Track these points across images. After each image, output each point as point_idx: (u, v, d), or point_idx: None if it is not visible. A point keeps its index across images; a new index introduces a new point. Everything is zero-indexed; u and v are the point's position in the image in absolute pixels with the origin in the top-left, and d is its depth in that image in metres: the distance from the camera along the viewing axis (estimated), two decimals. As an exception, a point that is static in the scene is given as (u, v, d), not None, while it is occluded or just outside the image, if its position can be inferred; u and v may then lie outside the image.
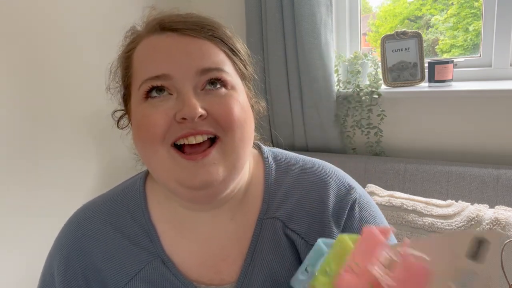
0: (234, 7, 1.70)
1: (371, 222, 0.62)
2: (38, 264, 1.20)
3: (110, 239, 0.59)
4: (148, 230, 0.59)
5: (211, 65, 0.53)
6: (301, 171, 0.63)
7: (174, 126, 0.51)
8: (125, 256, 0.58)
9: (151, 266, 0.57)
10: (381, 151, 1.53)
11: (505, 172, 1.23)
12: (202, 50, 0.54)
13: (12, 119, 1.14)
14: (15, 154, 1.15)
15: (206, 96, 0.53)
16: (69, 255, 0.60)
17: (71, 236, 0.61)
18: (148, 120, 0.52)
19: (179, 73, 0.52)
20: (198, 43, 0.54)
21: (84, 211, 0.63)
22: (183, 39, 0.54)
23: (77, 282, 0.58)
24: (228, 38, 0.58)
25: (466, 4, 1.56)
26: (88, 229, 0.60)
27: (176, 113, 0.51)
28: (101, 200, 0.64)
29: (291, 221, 0.60)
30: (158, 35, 0.55)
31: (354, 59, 1.53)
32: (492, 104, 1.35)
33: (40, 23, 1.21)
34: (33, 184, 1.20)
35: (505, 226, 0.97)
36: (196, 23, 0.56)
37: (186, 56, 0.53)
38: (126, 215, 0.61)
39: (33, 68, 1.20)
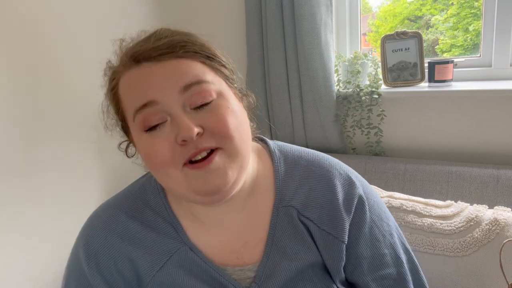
0: (234, 7, 1.70)
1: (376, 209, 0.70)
2: (38, 265, 1.21)
3: (138, 232, 0.64)
4: (173, 223, 0.65)
5: (191, 79, 0.57)
6: (309, 164, 0.70)
7: (178, 149, 0.56)
8: (154, 246, 0.64)
9: (180, 252, 0.63)
10: (381, 151, 1.53)
11: (505, 172, 1.22)
12: (179, 69, 0.57)
13: (12, 120, 1.15)
14: (15, 154, 1.15)
15: (198, 113, 0.57)
16: (97, 252, 0.64)
17: (97, 234, 0.65)
18: (153, 150, 0.57)
19: (164, 97, 0.56)
20: (173, 64, 0.57)
21: (108, 209, 0.68)
22: (159, 65, 0.57)
23: (111, 274, 0.63)
24: (200, 46, 0.60)
25: (466, 4, 1.56)
26: (115, 225, 0.65)
27: (175, 136, 0.55)
28: (122, 198, 0.69)
29: (305, 209, 0.67)
30: (135, 69, 0.58)
31: (354, 59, 1.53)
32: (492, 104, 1.35)
33: (39, 23, 1.22)
34: (33, 184, 1.21)
35: (504, 226, 0.97)
36: (166, 45, 0.58)
37: (165, 80, 0.56)
38: (148, 210, 0.66)
39: (32, 69, 1.20)
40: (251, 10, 1.58)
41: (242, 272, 0.64)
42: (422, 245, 1.03)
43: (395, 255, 0.69)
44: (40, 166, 1.22)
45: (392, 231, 0.71)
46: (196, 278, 0.63)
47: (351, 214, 0.67)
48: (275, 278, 0.63)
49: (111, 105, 0.64)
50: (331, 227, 0.66)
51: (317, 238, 0.66)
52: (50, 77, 1.25)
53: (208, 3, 1.76)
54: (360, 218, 0.68)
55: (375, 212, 0.70)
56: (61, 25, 1.28)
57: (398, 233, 0.73)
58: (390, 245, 0.69)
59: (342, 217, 0.66)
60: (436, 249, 1.01)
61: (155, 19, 1.66)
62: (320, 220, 0.66)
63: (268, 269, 0.63)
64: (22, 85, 1.17)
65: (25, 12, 1.17)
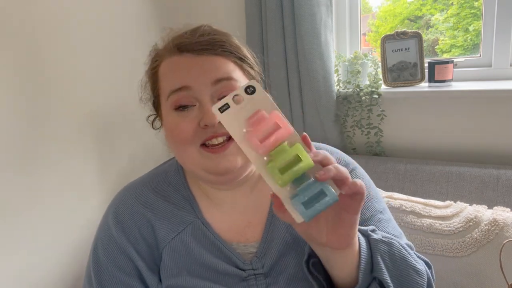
0: (234, 7, 1.70)
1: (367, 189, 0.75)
2: (39, 266, 1.21)
3: (159, 205, 0.74)
4: (190, 200, 0.75)
5: (222, 75, 0.67)
6: None
7: (199, 131, 0.66)
8: (173, 217, 0.73)
9: (194, 225, 0.73)
10: (381, 151, 1.53)
11: (505, 172, 1.22)
12: (214, 65, 0.67)
13: (12, 120, 1.15)
14: (14, 155, 1.16)
15: None
16: (124, 218, 0.73)
17: (125, 204, 0.75)
18: (178, 127, 0.67)
19: (197, 85, 0.66)
20: (210, 59, 0.68)
21: (135, 185, 0.78)
22: (198, 58, 0.68)
23: (135, 237, 0.72)
24: (236, 48, 0.71)
25: (466, 4, 1.56)
26: (141, 197, 0.75)
27: (199, 120, 0.65)
28: (147, 177, 0.79)
29: None
30: (177, 56, 0.69)
31: (354, 59, 1.53)
32: (492, 104, 1.35)
33: (38, 25, 1.22)
34: (33, 185, 1.21)
35: (504, 227, 0.97)
36: (208, 42, 0.68)
37: (201, 71, 0.66)
38: (170, 188, 0.76)
39: (32, 68, 1.20)
40: (251, 10, 1.58)
41: (246, 248, 0.72)
42: (422, 245, 1.03)
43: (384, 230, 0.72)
44: (40, 166, 1.22)
45: (384, 211, 0.76)
46: (205, 248, 0.71)
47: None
48: (270, 253, 0.71)
49: (149, 82, 0.74)
50: None
51: None
52: (50, 76, 1.25)
53: (208, 3, 1.76)
54: None
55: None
56: (61, 25, 1.28)
57: (389, 215, 0.77)
58: (379, 220, 0.74)
59: None
60: (435, 249, 1.02)
61: (155, 19, 1.66)
62: None
63: (266, 246, 0.72)
64: (22, 85, 1.17)
65: (25, 13, 1.17)
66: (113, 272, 0.71)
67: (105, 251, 0.72)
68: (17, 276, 1.16)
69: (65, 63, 1.29)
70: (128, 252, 0.71)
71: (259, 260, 0.71)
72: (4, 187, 1.13)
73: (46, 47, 1.24)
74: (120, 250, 0.72)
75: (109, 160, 1.46)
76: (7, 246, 1.14)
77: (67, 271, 1.30)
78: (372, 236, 0.63)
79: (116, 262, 0.71)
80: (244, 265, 0.71)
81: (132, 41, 1.54)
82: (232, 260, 0.71)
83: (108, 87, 1.45)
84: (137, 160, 1.56)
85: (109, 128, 1.47)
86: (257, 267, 0.70)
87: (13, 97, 1.14)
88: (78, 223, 1.33)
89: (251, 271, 0.70)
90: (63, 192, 1.29)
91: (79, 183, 1.35)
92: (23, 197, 1.18)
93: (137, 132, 1.53)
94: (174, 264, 0.71)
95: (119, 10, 1.50)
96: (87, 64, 1.37)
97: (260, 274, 0.70)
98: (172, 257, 0.72)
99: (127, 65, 1.50)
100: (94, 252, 0.74)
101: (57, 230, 1.27)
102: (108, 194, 1.42)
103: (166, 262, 0.72)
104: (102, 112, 1.43)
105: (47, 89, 1.24)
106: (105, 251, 0.72)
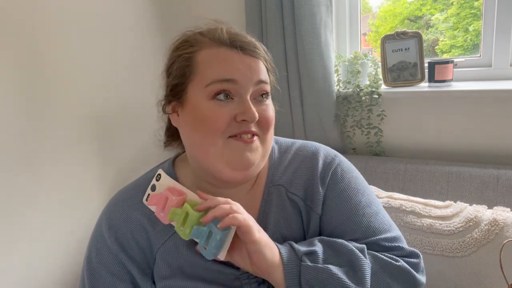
0: (234, 7, 1.70)
1: (353, 183, 0.79)
2: (39, 266, 1.21)
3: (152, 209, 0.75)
4: None
5: (264, 78, 0.72)
6: (298, 149, 0.83)
7: (233, 124, 0.68)
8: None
9: None
10: (381, 151, 1.53)
11: (505, 172, 1.22)
12: (259, 66, 0.72)
13: (12, 120, 1.15)
14: (14, 155, 1.16)
15: (256, 104, 0.71)
16: (117, 223, 0.75)
17: (118, 209, 0.77)
18: (214, 116, 0.68)
19: (243, 80, 0.69)
20: (255, 61, 0.72)
21: (128, 190, 0.80)
22: (245, 57, 0.70)
23: (128, 242, 0.74)
24: (267, 57, 0.76)
25: (466, 4, 1.56)
26: (134, 202, 0.76)
27: (236, 114, 0.68)
28: (139, 182, 0.80)
29: (292, 186, 0.78)
30: (226, 48, 0.70)
31: (354, 59, 1.53)
32: (492, 104, 1.35)
33: (38, 24, 1.22)
34: (33, 185, 1.21)
35: (504, 227, 0.97)
36: (253, 44, 0.73)
37: (249, 69, 0.70)
38: None
39: (32, 68, 1.20)
40: (251, 10, 1.58)
41: None
42: (421, 245, 1.03)
43: (367, 224, 0.75)
44: (40, 166, 1.22)
45: (370, 204, 0.77)
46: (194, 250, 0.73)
47: (326, 186, 0.77)
48: None
49: (179, 64, 0.72)
50: (311, 201, 0.77)
51: (303, 212, 0.77)
52: (50, 76, 1.25)
53: (208, 3, 1.76)
54: (333, 189, 0.77)
55: (350, 185, 0.78)
56: (61, 25, 1.28)
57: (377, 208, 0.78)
58: (363, 215, 0.75)
59: (318, 190, 0.77)
60: (435, 249, 1.01)
61: (154, 19, 1.66)
62: (305, 195, 0.77)
63: None
64: (22, 85, 1.17)
65: (25, 13, 1.17)
66: (107, 278, 0.73)
67: (99, 257, 0.74)
68: (17, 275, 1.16)
69: (65, 63, 1.29)
70: (121, 258, 0.73)
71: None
72: (4, 187, 1.13)
73: (46, 47, 1.24)
74: (113, 256, 0.74)
75: (109, 160, 1.46)
76: (7, 246, 1.14)
77: (67, 271, 1.30)
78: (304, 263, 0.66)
79: (109, 267, 0.73)
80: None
81: (132, 41, 1.54)
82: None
83: (108, 87, 1.45)
84: (137, 160, 1.56)
85: (109, 128, 1.47)
86: None
87: (13, 97, 1.14)
88: (78, 223, 1.33)
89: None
90: (63, 192, 1.29)
91: (79, 183, 1.35)
92: (23, 197, 1.18)
93: (137, 132, 1.53)
94: (167, 266, 0.73)
95: (119, 9, 1.50)
96: (87, 64, 1.37)
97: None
98: (165, 259, 0.73)
99: (127, 65, 1.50)
100: (88, 258, 0.76)
101: (57, 230, 1.27)
102: (108, 194, 1.42)
103: (159, 264, 0.74)
104: (102, 112, 1.43)
105: (47, 89, 1.24)
106: (98, 257, 0.74)
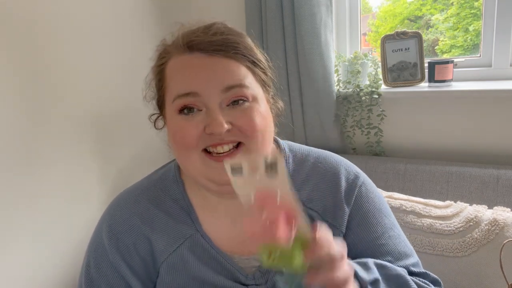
0: (234, 7, 1.70)
1: (377, 204, 0.75)
2: (39, 266, 1.21)
3: (157, 217, 0.70)
4: (189, 212, 0.71)
5: (234, 82, 0.62)
6: (316, 161, 0.76)
7: (204, 137, 0.61)
8: (171, 231, 0.69)
9: (193, 238, 0.69)
10: (381, 151, 1.53)
11: (505, 172, 1.22)
12: (226, 69, 0.62)
13: (12, 120, 1.15)
14: (14, 155, 1.16)
15: (231, 110, 0.62)
16: (119, 231, 0.70)
17: (120, 215, 0.71)
18: (182, 131, 0.62)
19: (206, 91, 0.61)
20: (222, 62, 0.62)
21: (131, 194, 0.74)
22: (209, 59, 0.62)
23: (129, 252, 0.69)
24: (249, 50, 0.66)
25: (466, 4, 1.56)
26: (137, 209, 0.71)
27: (205, 126, 0.61)
28: (144, 186, 0.75)
29: (310, 201, 0.72)
30: (187, 55, 0.63)
31: (354, 59, 1.53)
32: (492, 104, 1.35)
33: (39, 24, 1.22)
34: (33, 185, 1.21)
35: (504, 227, 0.97)
36: (221, 42, 0.63)
37: (212, 75, 0.61)
38: (167, 198, 0.72)
39: (32, 69, 1.20)
40: (251, 10, 1.58)
41: (248, 261, 0.69)
42: (422, 245, 1.03)
43: (394, 248, 0.72)
44: (40, 166, 1.22)
45: (393, 227, 0.75)
46: (204, 263, 0.68)
47: (351, 205, 0.72)
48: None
49: (155, 79, 0.69)
50: (333, 218, 0.72)
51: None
52: (50, 76, 1.25)
53: (208, 3, 1.76)
54: (359, 209, 0.73)
55: (375, 206, 0.74)
56: (62, 25, 1.28)
57: (398, 230, 0.76)
58: (389, 237, 0.72)
59: (343, 208, 0.72)
60: (435, 249, 1.02)
61: (154, 19, 1.66)
62: (324, 212, 0.72)
63: None
64: (22, 85, 1.17)
65: (25, 13, 1.17)
66: None
67: (97, 268, 0.70)
68: (17, 275, 1.16)
69: (65, 63, 1.29)
70: (121, 270, 0.69)
71: (262, 275, 0.68)
72: (4, 187, 1.12)
73: (46, 47, 1.24)
74: (112, 267, 0.69)
75: (109, 160, 1.46)
76: (7, 246, 1.14)
77: (67, 271, 1.30)
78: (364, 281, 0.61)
79: (108, 280, 0.69)
80: (247, 279, 0.68)
81: (132, 41, 1.54)
82: (234, 275, 0.68)
83: (109, 87, 1.45)
84: (137, 160, 1.56)
85: (110, 128, 1.47)
86: (260, 282, 0.68)
87: (13, 97, 1.14)
88: (78, 223, 1.33)
89: (253, 286, 0.68)
90: (63, 192, 1.29)
91: (79, 183, 1.35)
92: (23, 197, 1.18)
93: (137, 132, 1.53)
94: (172, 281, 0.69)
95: (119, 9, 1.50)
96: (88, 63, 1.37)
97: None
98: (170, 273, 0.69)
99: (127, 65, 1.50)
100: (87, 268, 0.72)
101: (57, 230, 1.27)
102: (109, 194, 1.42)
103: (163, 279, 0.69)
104: (102, 112, 1.43)
105: (47, 89, 1.24)
106: (97, 268, 0.70)
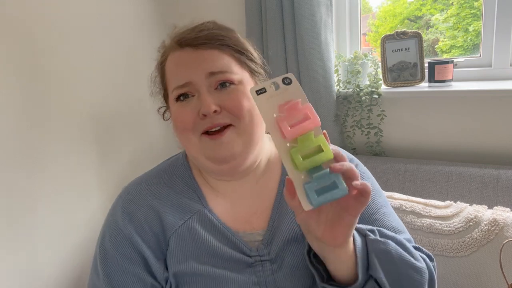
0: (234, 7, 1.70)
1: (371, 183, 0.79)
2: (39, 266, 1.21)
3: (167, 195, 0.77)
4: (196, 190, 0.77)
5: (216, 69, 0.70)
6: None
7: (198, 121, 0.69)
8: (180, 206, 0.76)
9: (200, 213, 0.75)
10: (381, 151, 1.53)
11: (505, 172, 1.22)
12: (211, 58, 0.71)
13: (12, 120, 1.15)
14: (14, 155, 1.16)
15: (219, 93, 0.70)
16: (132, 209, 0.75)
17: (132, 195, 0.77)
18: (179, 117, 0.71)
19: (195, 78, 0.70)
20: (207, 53, 0.71)
21: (141, 179, 0.81)
22: (196, 52, 0.72)
23: (141, 226, 0.74)
24: (235, 41, 0.75)
25: (466, 4, 1.56)
26: (149, 188, 0.78)
27: (198, 110, 0.69)
28: (154, 172, 0.82)
29: None
30: (179, 51, 0.73)
31: (354, 59, 1.53)
32: (492, 104, 1.35)
33: (39, 24, 1.22)
34: (34, 185, 1.21)
35: (504, 227, 0.97)
36: (206, 36, 0.72)
37: (199, 65, 0.70)
38: (178, 180, 0.79)
39: (32, 69, 1.20)
40: (251, 10, 1.58)
41: (252, 236, 0.74)
42: (422, 245, 1.03)
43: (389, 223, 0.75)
44: (40, 166, 1.23)
45: (387, 205, 0.79)
46: (212, 235, 0.73)
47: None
48: (276, 240, 0.73)
49: (159, 76, 0.79)
50: None
51: None
52: (50, 76, 1.25)
53: (207, 3, 1.77)
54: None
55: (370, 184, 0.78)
56: (62, 25, 1.28)
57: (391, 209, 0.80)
58: (383, 214, 0.76)
59: None
60: (435, 249, 1.02)
61: (154, 19, 1.66)
62: None
63: (272, 233, 0.74)
64: (22, 85, 1.17)
65: (25, 13, 1.17)
66: (120, 261, 0.73)
67: (112, 241, 0.74)
68: (17, 275, 1.16)
69: (65, 63, 1.29)
70: (134, 242, 0.73)
71: (265, 247, 0.73)
72: (4, 187, 1.13)
73: (46, 47, 1.24)
74: (126, 240, 0.73)
75: (109, 160, 1.46)
76: (7, 246, 1.14)
77: (67, 270, 1.30)
78: (369, 237, 0.65)
79: (123, 251, 0.73)
80: (251, 251, 0.72)
81: (132, 41, 1.54)
82: (239, 247, 0.72)
83: (109, 87, 1.45)
84: (137, 160, 1.56)
85: (110, 128, 1.47)
86: (263, 253, 0.72)
87: (13, 97, 1.14)
88: (78, 223, 1.33)
89: (257, 257, 0.72)
90: (63, 192, 1.29)
91: (79, 183, 1.35)
92: (23, 197, 1.18)
93: (137, 132, 1.53)
94: (181, 251, 0.73)
95: (119, 9, 1.50)
96: (87, 63, 1.37)
97: (266, 260, 0.72)
98: (179, 244, 0.73)
99: (127, 65, 1.50)
100: (101, 241, 0.76)
101: (57, 230, 1.27)
102: (108, 194, 1.43)
103: (173, 250, 0.73)
104: (102, 112, 1.43)
105: (47, 89, 1.24)
106: (112, 241, 0.74)
